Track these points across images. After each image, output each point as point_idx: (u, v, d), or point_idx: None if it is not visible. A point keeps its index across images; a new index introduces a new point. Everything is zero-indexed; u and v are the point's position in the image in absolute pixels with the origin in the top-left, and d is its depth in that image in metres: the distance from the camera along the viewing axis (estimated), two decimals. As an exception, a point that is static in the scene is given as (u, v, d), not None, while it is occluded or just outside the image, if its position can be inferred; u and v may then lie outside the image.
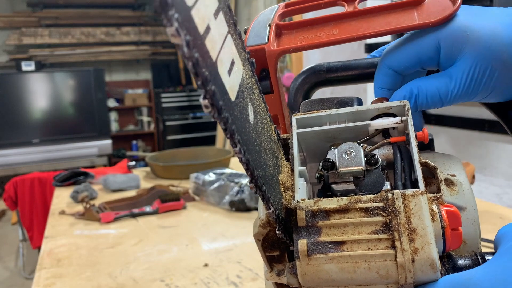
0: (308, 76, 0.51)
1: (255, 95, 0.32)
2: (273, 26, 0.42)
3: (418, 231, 0.27)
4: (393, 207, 0.28)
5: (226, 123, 0.23)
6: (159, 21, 5.78)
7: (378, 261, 0.27)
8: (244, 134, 0.26)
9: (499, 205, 1.24)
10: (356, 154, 0.32)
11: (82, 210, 1.27)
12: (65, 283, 0.87)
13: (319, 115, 0.36)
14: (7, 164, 4.47)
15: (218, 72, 0.24)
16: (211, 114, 0.22)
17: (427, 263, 0.27)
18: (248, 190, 1.27)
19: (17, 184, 2.31)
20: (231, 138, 0.24)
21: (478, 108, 2.21)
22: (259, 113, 0.32)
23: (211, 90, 0.21)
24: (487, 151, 2.15)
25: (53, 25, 5.29)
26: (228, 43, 0.27)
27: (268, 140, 0.32)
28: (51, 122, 4.85)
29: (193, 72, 0.20)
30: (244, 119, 0.27)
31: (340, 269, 0.28)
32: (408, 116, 0.34)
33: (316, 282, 0.29)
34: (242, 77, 0.29)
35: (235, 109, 0.25)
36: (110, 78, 5.76)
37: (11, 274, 3.07)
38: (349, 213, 0.29)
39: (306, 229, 0.29)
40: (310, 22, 0.41)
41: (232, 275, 0.87)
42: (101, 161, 4.81)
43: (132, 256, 0.99)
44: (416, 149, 0.32)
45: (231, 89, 0.25)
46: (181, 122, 5.68)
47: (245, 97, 0.28)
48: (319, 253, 0.28)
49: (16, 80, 4.63)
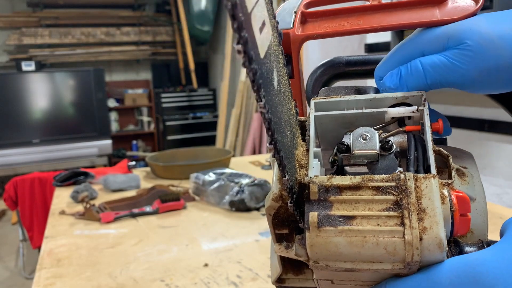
0: (327, 68, 0.52)
1: (280, 64, 0.33)
2: (299, 13, 0.43)
3: (427, 211, 0.28)
4: (404, 187, 0.29)
5: (255, 74, 0.24)
6: (159, 21, 5.78)
7: (387, 237, 0.28)
8: (269, 94, 0.27)
9: (499, 205, 1.24)
10: (372, 138, 0.33)
11: (82, 210, 1.27)
12: (65, 283, 0.87)
13: (337, 100, 0.37)
14: (7, 164, 4.47)
15: (251, 25, 0.25)
16: (243, 61, 0.23)
17: (434, 242, 0.27)
18: (248, 190, 1.27)
19: (17, 184, 2.31)
20: (257, 91, 0.24)
21: (478, 108, 2.21)
22: (282, 83, 0.33)
23: (244, 37, 0.22)
24: (487, 151, 2.15)
25: (53, 25, 5.29)
26: (261, 3, 0.28)
27: (288, 112, 0.33)
28: (51, 122, 4.84)
29: (230, 14, 0.21)
30: (270, 81, 0.28)
31: (349, 242, 0.28)
32: (425, 106, 0.35)
33: (324, 255, 0.29)
34: (271, 41, 0.30)
35: (263, 66, 0.26)
36: (110, 78, 5.76)
37: (11, 274, 3.07)
38: (361, 190, 0.29)
39: (318, 203, 0.30)
40: (335, 12, 0.42)
41: (232, 275, 0.87)
42: (101, 161, 4.81)
43: (132, 256, 0.99)
44: (431, 137, 0.33)
45: (261, 47, 0.26)
46: (181, 122, 5.68)
47: (272, 61, 0.29)
48: (329, 226, 0.29)
49: (16, 80, 4.63)
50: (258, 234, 1.09)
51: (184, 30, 5.26)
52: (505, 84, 0.35)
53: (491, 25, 0.34)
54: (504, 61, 0.34)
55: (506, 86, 0.35)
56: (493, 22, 0.35)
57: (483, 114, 2.17)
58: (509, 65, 0.34)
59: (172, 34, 5.81)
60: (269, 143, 0.27)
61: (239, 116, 4.41)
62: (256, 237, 1.07)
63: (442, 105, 2.41)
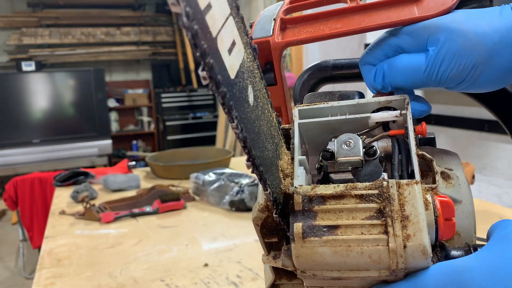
0: (314, 72, 0.52)
1: (256, 79, 0.33)
2: (278, 20, 0.43)
3: (411, 218, 0.28)
4: (387, 195, 0.29)
5: (224, 97, 0.24)
6: (159, 21, 5.78)
7: (371, 246, 0.28)
8: (243, 112, 0.27)
9: (499, 205, 1.24)
10: (355, 144, 0.33)
11: (82, 210, 1.27)
12: (65, 283, 0.87)
13: (321, 106, 0.37)
14: (7, 164, 4.47)
15: (218, 49, 0.25)
16: (210, 86, 0.23)
17: (418, 249, 0.27)
18: (248, 190, 1.27)
19: (17, 184, 2.31)
20: (228, 113, 0.25)
21: (478, 108, 2.21)
22: (260, 97, 0.33)
23: (209, 63, 0.22)
24: (487, 151, 2.15)
25: (53, 25, 5.29)
26: (229, 24, 0.27)
27: (268, 125, 0.33)
28: (51, 122, 4.84)
29: (192, 43, 0.21)
30: (243, 99, 0.28)
31: (334, 252, 0.28)
32: (408, 109, 0.35)
33: (310, 265, 0.29)
34: (243, 59, 0.30)
35: (234, 87, 0.26)
36: (110, 78, 5.76)
37: (11, 274, 3.07)
38: (345, 199, 0.30)
39: (302, 213, 0.30)
40: (314, 17, 0.42)
41: (232, 275, 0.87)
42: (101, 161, 4.81)
43: (132, 256, 0.99)
44: (414, 142, 0.33)
45: (230, 67, 0.26)
46: (181, 122, 5.68)
47: (245, 78, 0.29)
48: (314, 236, 0.29)
49: (16, 80, 4.63)
50: (258, 234, 1.09)
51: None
52: (483, 82, 0.35)
53: (469, 23, 0.35)
54: (481, 59, 0.34)
55: (484, 84, 0.36)
56: (471, 20, 0.35)
57: (483, 114, 2.17)
58: (486, 62, 0.34)
59: (172, 34, 5.81)
60: (246, 160, 0.27)
61: (239, 116, 4.40)
62: (256, 237, 1.07)
63: (442, 105, 2.41)
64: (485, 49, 0.34)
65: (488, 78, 0.35)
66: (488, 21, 0.34)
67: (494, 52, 0.34)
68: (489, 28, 0.34)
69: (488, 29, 0.34)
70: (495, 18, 0.34)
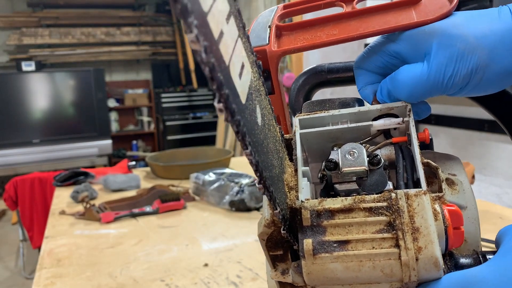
0: (309, 76, 0.51)
1: (262, 97, 0.32)
2: (273, 28, 0.42)
3: (421, 230, 0.28)
4: (396, 207, 0.28)
5: (239, 125, 0.23)
6: (159, 21, 5.78)
7: (383, 260, 0.28)
8: (254, 136, 0.27)
9: (499, 205, 1.24)
10: (359, 154, 0.33)
11: (82, 210, 1.27)
12: (65, 283, 0.87)
13: (322, 115, 0.36)
14: (7, 164, 4.47)
15: (231, 76, 0.24)
16: (225, 117, 0.22)
17: (430, 261, 0.27)
18: (248, 190, 1.27)
19: (17, 184, 2.31)
20: (242, 140, 0.24)
21: (478, 108, 2.20)
22: (266, 114, 0.32)
23: (225, 94, 0.21)
24: (487, 151, 2.15)
25: (53, 25, 5.29)
26: (238, 47, 0.27)
27: (274, 141, 0.33)
28: (51, 122, 4.85)
29: (209, 77, 0.20)
30: (253, 121, 0.28)
31: (345, 268, 0.28)
32: (410, 116, 0.34)
33: (321, 281, 0.29)
34: (251, 79, 0.29)
35: (246, 111, 0.26)
36: (110, 78, 5.76)
37: (11, 274, 3.07)
38: (354, 212, 0.29)
39: (311, 229, 0.29)
40: (310, 23, 0.41)
41: (232, 275, 0.87)
42: (101, 161, 4.81)
43: (132, 256, 0.99)
44: (418, 149, 0.33)
45: (242, 92, 0.26)
46: (181, 122, 5.68)
47: (253, 99, 0.29)
48: (324, 252, 0.28)
49: (17, 80, 4.63)
50: (258, 234, 1.09)
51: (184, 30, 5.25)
52: (485, 85, 0.35)
53: (468, 26, 0.34)
54: (482, 62, 0.34)
55: (486, 87, 0.36)
56: (470, 23, 0.35)
57: (483, 114, 2.17)
58: (487, 65, 0.34)
59: (172, 34, 5.81)
60: (258, 183, 0.27)
61: (239, 116, 4.40)
62: (256, 237, 1.07)
63: (442, 105, 2.41)
64: (485, 52, 0.34)
65: (490, 80, 0.35)
66: (487, 24, 0.34)
67: (494, 54, 0.34)
68: (488, 30, 0.34)
69: (487, 32, 0.34)
70: (494, 20, 0.34)
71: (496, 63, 0.34)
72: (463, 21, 0.35)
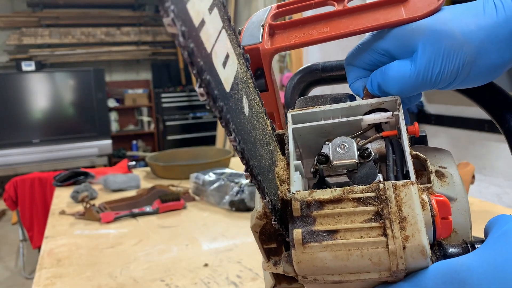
0: (304, 75, 0.52)
1: (249, 89, 0.33)
2: (266, 26, 0.43)
3: (408, 219, 0.28)
4: (384, 197, 0.29)
5: (221, 111, 0.24)
6: (159, 21, 5.78)
7: (371, 249, 0.28)
8: (239, 124, 0.27)
9: (499, 205, 1.24)
10: (349, 147, 0.33)
11: (82, 210, 1.27)
12: (65, 283, 0.87)
13: (314, 111, 0.37)
14: (7, 164, 4.47)
15: (213, 64, 0.25)
16: (207, 102, 0.23)
17: (417, 249, 0.27)
18: (248, 190, 1.27)
19: (17, 184, 2.31)
20: (226, 126, 0.25)
21: (478, 108, 2.20)
22: (254, 106, 0.33)
23: (206, 79, 0.23)
24: (487, 151, 2.15)
25: (53, 25, 5.29)
26: (222, 38, 0.28)
27: (263, 133, 0.33)
28: (51, 122, 4.85)
29: (188, 61, 0.22)
30: (239, 111, 0.28)
31: (334, 256, 0.29)
32: (400, 110, 0.35)
33: (311, 270, 0.29)
34: (237, 70, 0.30)
35: (230, 99, 0.27)
36: (110, 78, 5.76)
37: (11, 274, 3.07)
38: (342, 203, 0.30)
39: (301, 219, 0.30)
40: (302, 21, 0.42)
41: (232, 275, 0.87)
42: (101, 161, 4.81)
43: (132, 256, 0.99)
44: (407, 142, 0.33)
45: (225, 81, 0.27)
46: (181, 122, 5.68)
47: (239, 89, 0.30)
48: (314, 242, 0.29)
49: (16, 80, 4.63)
50: (258, 234, 1.09)
51: (184, 30, 5.26)
52: (473, 79, 0.36)
53: (455, 22, 0.35)
54: (470, 58, 0.34)
55: (474, 81, 0.36)
56: (457, 19, 0.35)
57: (483, 114, 2.16)
58: (474, 60, 0.35)
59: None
60: (244, 171, 0.27)
61: (239, 116, 4.41)
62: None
63: (442, 105, 2.41)
64: (472, 48, 0.34)
65: (477, 75, 0.35)
66: (473, 19, 0.35)
67: (481, 50, 0.34)
68: (474, 26, 0.34)
69: (474, 28, 0.34)
70: (480, 14, 0.35)
71: (483, 58, 0.34)
72: (450, 17, 0.35)
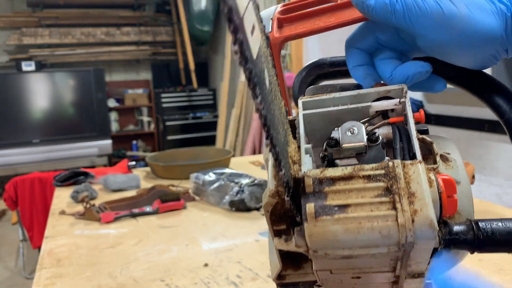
0: (312, 69, 0.54)
1: (269, 66, 0.35)
2: (275, 20, 0.46)
3: (417, 195, 0.29)
4: (393, 174, 0.30)
5: (251, 73, 0.26)
6: (159, 21, 5.78)
7: (381, 222, 0.29)
8: (263, 92, 0.29)
9: (499, 205, 1.24)
10: (359, 131, 0.34)
11: (82, 210, 1.27)
12: (65, 283, 0.87)
13: (323, 98, 0.39)
14: (7, 164, 4.47)
15: (244, 27, 0.27)
16: (239, 61, 0.25)
17: (425, 222, 0.28)
18: (248, 190, 1.27)
19: (17, 184, 2.31)
20: (253, 89, 0.27)
21: (478, 108, 2.21)
22: (273, 83, 0.35)
23: (239, 38, 0.25)
24: (487, 151, 2.15)
25: (53, 25, 5.29)
26: (250, 9, 0.30)
27: (279, 111, 0.35)
28: (51, 122, 4.84)
29: (228, 17, 0.24)
30: (262, 81, 0.30)
31: (345, 229, 0.29)
32: (406, 98, 0.37)
33: (322, 243, 0.30)
34: (260, 44, 0.32)
35: (256, 67, 0.28)
36: (110, 78, 5.76)
37: (11, 274, 3.08)
38: (353, 180, 0.31)
39: (313, 195, 0.31)
40: (308, 14, 0.45)
41: (232, 275, 0.87)
42: (101, 161, 4.81)
43: (132, 256, 0.99)
44: (414, 126, 0.35)
45: (253, 47, 0.28)
46: (181, 122, 5.68)
47: (262, 62, 0.31)
48: (326, 215, 0.30)
49: (16, 80, 4.63)
50: (258, 234, 1.09)
51: (184, 30, 5.26)
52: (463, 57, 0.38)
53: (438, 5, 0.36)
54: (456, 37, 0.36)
55: (461, 56, 0.38)
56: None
57: (483, 114, 2.17)
58: None
59: (172, 34, 5.81)
60: (266, 138, 0.29)
61: (239, 116, 4.41)
62: (256, 237, 1.07)
63: (442, 105, 2.42)
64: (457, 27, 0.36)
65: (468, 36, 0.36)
66: None
67: None
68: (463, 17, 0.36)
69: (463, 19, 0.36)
70: None
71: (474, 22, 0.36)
72: None
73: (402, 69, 0.39)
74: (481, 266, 0.81)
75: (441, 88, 0.42)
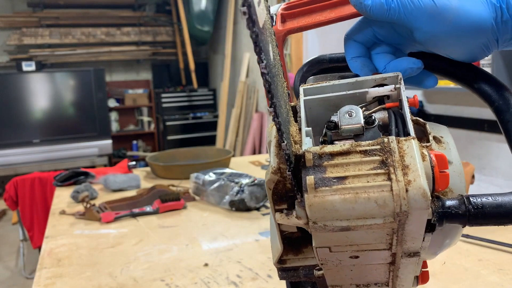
0: (312, 64, 0.57)
1: (274, 42, 0.36)
2: (279, 15, 0.49)
3: (410, 167, 0.31)
4: (388, 148, 0.32)
5: (257, 37, 0.27)
6: (159, 21, 5.78)
7: (376, 191, 0.31)
8: (268, 60, 0.30)
9: (499, 205, 1.24)
10: (356, 114, 0.36)
11: (82, 210, 1.27)
12: (65, 282, 0.87)
13: (324, 85, 0.41)
14: (7, 164, 4.47)
15: None
16: (247, 23, 0.26)
17: (419, 192, 0.30)
18: (248, 190, 1.27)
19: (17, 184, 2.31)
20: (258, 53, 0.28)
21: (478, 108, 2.21)
22: (277, 60, 0.36)
23: (248, 1, 0.26)
24: (487, 151, 2.15)
25: (53, 25, 5.29)
26: None
27: (282, 88, 0.37)
28: (51, 122, 4.84)
29: None
30: (267, 51, 0.31)
31: (343, 200, 0.31)
32: (401, 84, 0.39)
33: (321, 213, 0.32)
34: (266, 19, 0.33)
35: (262, 35, 0.30)
36: (111, 78, 5.76)
37: (11, 274, 3.08)
38: (351, 154, 0.33)
39: (313, 168, 0.33)
40: (310, 10, 0.47)
41: (232, 275, 0.87)
42: (102, 161, 4.81)
43: (133, 256, 0.99)
44: (408, 109, 0.37)
45: (260, 17, 0.30)
46: (181, 122, 5.68)
47: (267, 35, 0.32)
48: (325, 186, 0.32)
49: (17, 80, 4.63)
50: (258, 234, 1.09)
51: (184, 30, 5.26)
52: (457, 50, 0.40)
53: None
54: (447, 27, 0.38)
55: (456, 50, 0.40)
56: None
57: (483, 114, 2.17)
58: None
59: (172, 34, 5.81)
60: (269, 106, 0.30)
61: (239, 116, 4.41)
62: (256, 237, 1.07)
63: (442, 105, 2.42)
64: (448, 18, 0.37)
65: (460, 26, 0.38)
66: None
67: None
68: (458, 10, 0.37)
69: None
70: None
71: None
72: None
73: (395, 64, 0.42)
74: (481, 266, 0.81)
75: (432, 84, 0.44)
